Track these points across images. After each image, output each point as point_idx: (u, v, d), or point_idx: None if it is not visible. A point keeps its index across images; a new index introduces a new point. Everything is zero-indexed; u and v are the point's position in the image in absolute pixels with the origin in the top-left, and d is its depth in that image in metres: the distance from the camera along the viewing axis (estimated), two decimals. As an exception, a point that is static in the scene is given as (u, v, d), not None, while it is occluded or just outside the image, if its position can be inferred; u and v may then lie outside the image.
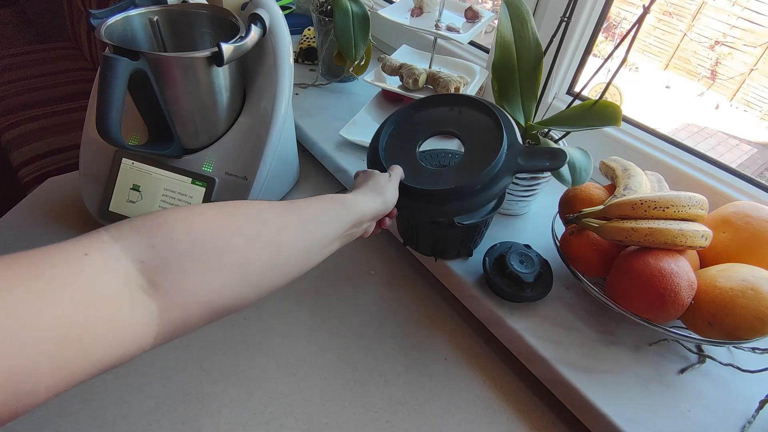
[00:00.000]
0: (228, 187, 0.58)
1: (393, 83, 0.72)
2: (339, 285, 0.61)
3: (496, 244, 0.56)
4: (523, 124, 0.59)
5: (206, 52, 0.49)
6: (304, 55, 0.97)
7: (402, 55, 0.78)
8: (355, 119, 0.78)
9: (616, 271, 0.50)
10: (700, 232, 0.47)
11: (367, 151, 0.73)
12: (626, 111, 0.60)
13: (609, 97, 0.53)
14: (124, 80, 0.46)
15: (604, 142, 0.72)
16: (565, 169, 0.49)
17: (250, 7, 0.56)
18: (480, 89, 0.87)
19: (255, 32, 0.53)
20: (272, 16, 0.56)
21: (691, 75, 2.95)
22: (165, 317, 0.25)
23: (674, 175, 0.66)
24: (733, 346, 0.49)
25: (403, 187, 0.47)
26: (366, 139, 0.74)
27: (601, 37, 0.74)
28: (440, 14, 0.70)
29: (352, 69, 0.83)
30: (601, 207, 0.52)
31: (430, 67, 0.72)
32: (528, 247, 0.55)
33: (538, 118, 0.61)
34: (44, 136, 1.12)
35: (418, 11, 0.72)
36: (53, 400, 0.47)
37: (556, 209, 0.60)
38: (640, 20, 0.47)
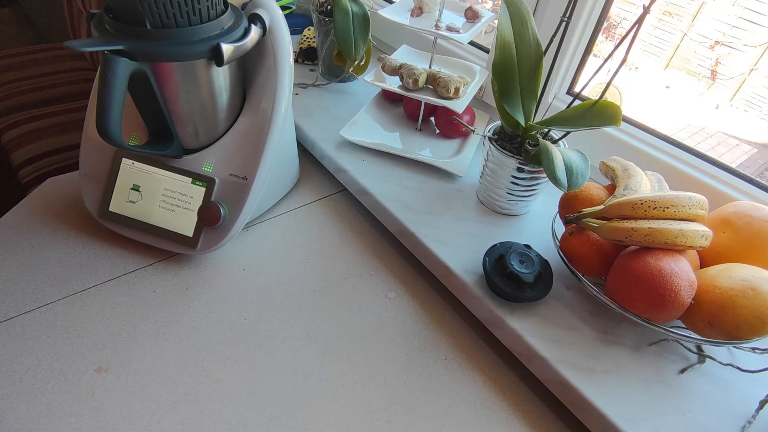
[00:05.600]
0: (228, 187, 0.58)
1: (393, 83, 0.72)
2: (339, 285, 0.61)
3: (496, 244, 0.56)
4: (523, 124, 0.59)
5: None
6: (304, 55, 0.97)
7: (402, 55, 0.78)
8: (355, 119, 0.78)
9: (616, 271, 0.50)
10: (700, 232, 0.47)
11: (366, 149, 0.73)
12: (626, 111, 0.60)
13: (609, 97, 0.53)
14: (124, 80, 0.46)
15: (604, 142, 0.72)
16: (561, 173, 0.49)
17: (250, 7, 0.56)
18: (480, 89, 0.87)
19: (255, 32, 0.53)
20: (272, 16, 0.56)
21: (691, 75, 2.95)
22: None
23: (674, 175, 0.66)
24: (733, 346, 0.49)
25: None
26: (366, 139, 0.74)
27: (601, 37, 0.74)
28: (440, 14, 0.70)
29: (352, 69, 0.83)
30: (601, 207, 0.52)
31: (430, 67, 0.72)
32: (528, 247, 0.55)
33: (538, 118, 0.61)
34: (44, 136, 1.12)
35: (418, 11, 0.72)
36: (53, 399, 0.47)
37: (556, 209, 0.60)
38: (640, 20, 0.47)
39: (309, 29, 0.98)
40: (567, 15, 0.55)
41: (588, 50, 0.74)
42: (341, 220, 0.71)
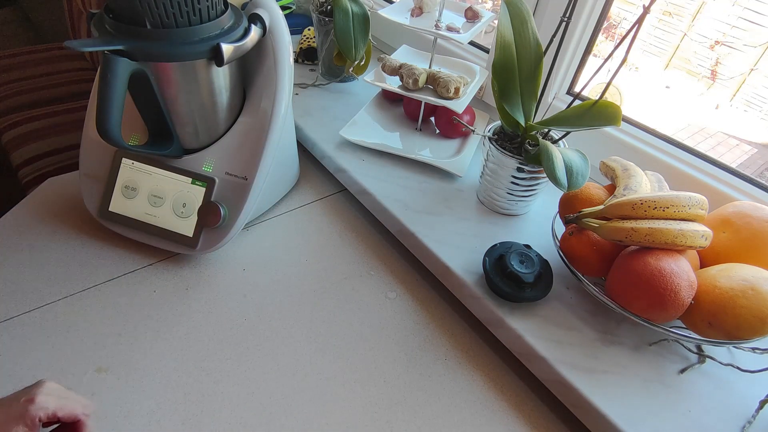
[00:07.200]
0: (228, 187, 0.58)
1: (393, 83, 0.72)
2: (339, 285, 0.61)
3: (496, 244, 0.56)
4: (523, 124, 0.59)
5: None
6: (304, 55, 0.97)
7: (402, 55, 0.78)
8: (355, 119, 0.78)
9: (616, 271, 0.50)
10: (700, 232, 0.47)
11: (366, 149, 0.73)
12: (626, 111, 0.60)
13: (609, 97, 0.53)
14: (124, 80, 0.46)
15: (604, 142, 0.72)
16: (561, 173, 0.49)
17: (250, 7, 0.56)
18: (480, 89, 0.87)
19: (255, 32, 0.53)
20: (272, 16, 0.56)
21: (691, 75, 2.95)
22: None
23: (674, 175, 0.66)
24: (733, 346, 0.49)
25: None
26: (366, 139, 0.74)
27: (601, 37, 0.74)
28: (440, 14, 0.70)
29: (352, 69, 0.83)
30: (601, 207, 0.52)
31: (430, 67, 0.72)
32: (528, 247, 0.55)
33: (538, 118, 0.61)
34: (44, 136, 1.12)
35: (418, 11, 0.72)
36: (53, 400, 0.46)
37: (556, 209, 0.60)
38: (640, 20, 0.47)
39: (309, 29, 0.98)
40: (567, 15, 0.55)
41: (588, 50, 0.74)
42: (341, 220, 0.71)
